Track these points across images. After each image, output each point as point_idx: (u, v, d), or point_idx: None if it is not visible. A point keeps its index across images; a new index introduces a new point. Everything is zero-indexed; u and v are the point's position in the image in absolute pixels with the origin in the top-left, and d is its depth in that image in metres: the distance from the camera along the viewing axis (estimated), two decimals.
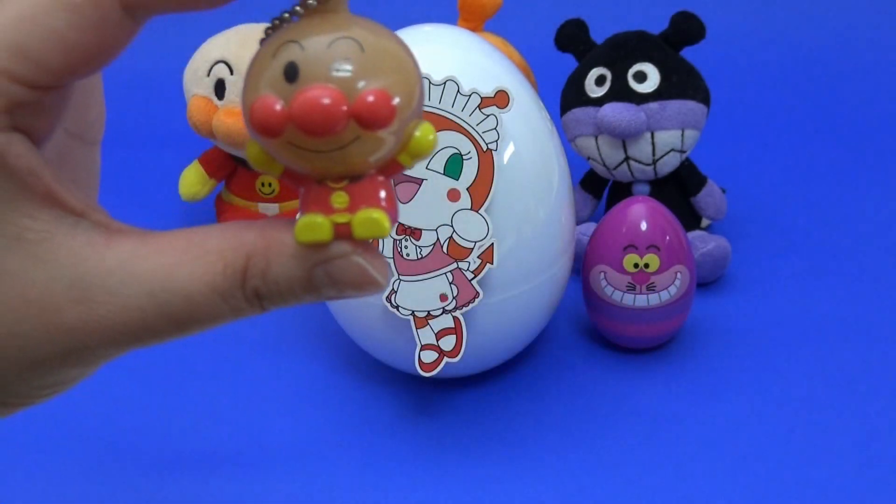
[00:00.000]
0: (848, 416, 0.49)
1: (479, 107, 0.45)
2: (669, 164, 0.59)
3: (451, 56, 0.47)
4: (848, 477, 0.45)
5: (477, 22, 0.65)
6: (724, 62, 0.83)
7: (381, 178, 0.20)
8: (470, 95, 0.44)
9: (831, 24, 0.91)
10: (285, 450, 0.49)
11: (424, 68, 0.46)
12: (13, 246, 0.19)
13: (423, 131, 0.20)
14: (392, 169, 0.20)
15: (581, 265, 0.54)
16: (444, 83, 0.44)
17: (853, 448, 0.47)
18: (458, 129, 0.45)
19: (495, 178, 0.45)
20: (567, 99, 0.62)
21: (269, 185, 0.65)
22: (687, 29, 0.60)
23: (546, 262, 0.48)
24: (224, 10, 0.25)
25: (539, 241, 0.48)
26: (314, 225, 0.19)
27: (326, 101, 0.18)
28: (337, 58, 0.19)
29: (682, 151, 0.59)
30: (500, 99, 0.45)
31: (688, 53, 0.61)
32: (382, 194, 0.20)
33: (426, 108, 0.45)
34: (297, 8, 0.20)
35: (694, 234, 0.59)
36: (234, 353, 0.56)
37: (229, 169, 0.66)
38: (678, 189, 0.61)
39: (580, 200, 0.64)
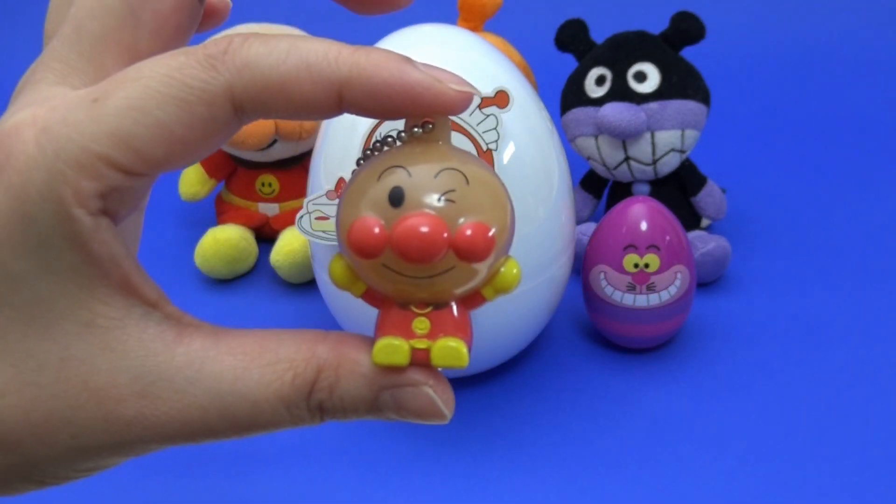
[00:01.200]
0: (848, 415, 0.49)
1: (479, 107, 0.45)
2: (669, 164, 0.59)
3: (451, 56, 0.47)
4: (848, 476, 0.45)
5: (477, 22, 0.65)
6: (724, 62, 0.83)
7: (462, 309, 0.20)
8: None
9: (831, 23, 0.91)
10: (285, 449, 0.49)
11: None
12: (83, 332, 0.19)
13: (509, 267, 0.20)
14: (474, 301, 0.20)
15: (581, 265, 0.54)
16: None
17: (853, 447, 0.47)
18: (458, 129, 0.45)
19: None
20: (567, 99, 0.62)
21: (269, 185, 0.65)
22: (687, 29, 0.60)
23: (546, 262, 0.48)
24: None
25: (539, 241, 0.48)
26: (394, 348, 0.19)
27: (429, 228, 0.18)
28: (443, 188, 0.19)
29: (682, 151, 0.59)
30: (500, 99, 0.45)
31: (688, 53, 0.61)
32: (464, 325, 0.20)
33: None
34: (402, 134, 0.20)
35: (694, 234, 0.59)
36: None
37: (229, 169, 0.66)
38: (678, 189, 0.61)
39: (580, 200, 0.64)
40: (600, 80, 0.60)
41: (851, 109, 0.82)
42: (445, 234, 0.18)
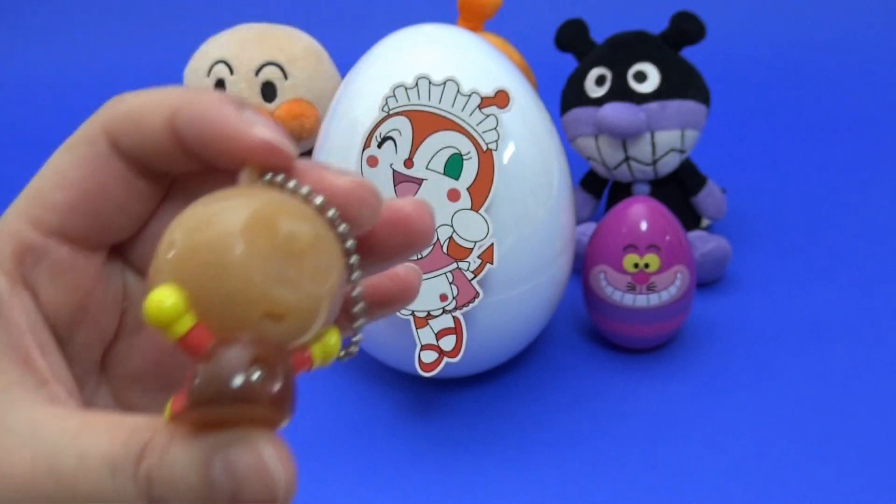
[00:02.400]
0: (847, 415, 0.49)
1: (479, 107, 0.45)
2: (669, 164, 0.59)
3: (451, 56, 0.47)
4: (847, 476, 0.45)
5: (477, 22, 0.65)
6: (724, 62, 0.83)
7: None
8: (470, 95, 0.44)
9: (831, 23, 0.91)
10: None
11: (425, 68, 0.46)
12: None
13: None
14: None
15: (581, 265, 0.54)
16: (444, 83, 0.44)
17: (853, 447, 0.47)
18: (458, 129, 0.45)
19: (495, 178, 0.45)
20: (567, 99, 0.62)
21: None
22: (687, 29, 0.60)
23: (546, 262, 0.48)
24: (224, 10, 0.26)
25: (539, 241, 0.48)
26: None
27: None
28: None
29: (682, 151, 0.59)
30: (500, 99, 0.45)
31: (688, 53, 0.61)
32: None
33: (427, 108, 0.45)
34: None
35: (694, 234, 0.59)
36: None
37: None
38: (678, 189, 0.61)
39: (580, 200, 0.64)
40: (600, 80, 0.60)
41: (851, 109, 0.82)
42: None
